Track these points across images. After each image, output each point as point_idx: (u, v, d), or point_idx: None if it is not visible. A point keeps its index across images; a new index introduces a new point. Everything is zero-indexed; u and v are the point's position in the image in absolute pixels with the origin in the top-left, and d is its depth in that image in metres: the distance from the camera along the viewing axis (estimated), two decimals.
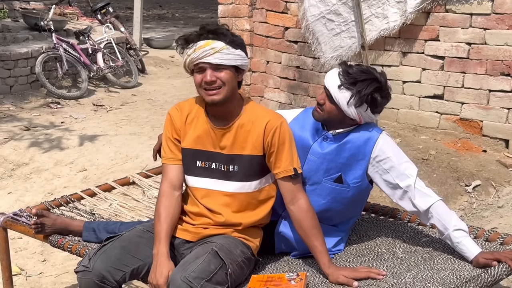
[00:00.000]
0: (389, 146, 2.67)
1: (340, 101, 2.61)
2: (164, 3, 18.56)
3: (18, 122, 6.83)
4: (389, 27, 5.05)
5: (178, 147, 2.63)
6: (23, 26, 9.32)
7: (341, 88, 2.60)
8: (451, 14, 4.90)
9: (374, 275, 2.49)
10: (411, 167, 2.66)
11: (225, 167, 2.59)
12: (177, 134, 2.63)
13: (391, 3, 5.00)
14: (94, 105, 7.89)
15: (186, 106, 2.65)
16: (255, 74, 6.27)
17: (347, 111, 2.62)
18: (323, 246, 2.55)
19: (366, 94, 2.58)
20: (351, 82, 2.59)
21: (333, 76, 2.65)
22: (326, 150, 2.70)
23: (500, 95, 4.78)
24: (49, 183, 5.22)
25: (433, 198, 2.62)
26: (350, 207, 2.79)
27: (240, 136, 2.57)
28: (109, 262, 2.45)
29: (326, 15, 5.33)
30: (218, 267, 2.39)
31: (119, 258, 2.47)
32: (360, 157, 2.67)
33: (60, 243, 2.90)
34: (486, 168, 4.50)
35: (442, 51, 4.97)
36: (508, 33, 4.67)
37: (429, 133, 5.04)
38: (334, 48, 5.27)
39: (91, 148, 5.90)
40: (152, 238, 2.56)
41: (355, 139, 2.67)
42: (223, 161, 2.59)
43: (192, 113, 2.62)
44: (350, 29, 5.22)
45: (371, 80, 2.61)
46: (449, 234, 2.57)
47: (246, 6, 6.13)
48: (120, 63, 9.00)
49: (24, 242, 4.22)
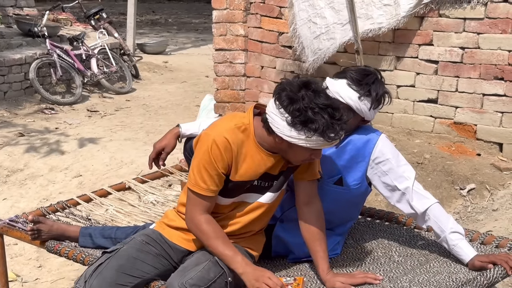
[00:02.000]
0: (388, 148, 2.69)
1: (364, 110, 2.65)
2: (157, 8, 18.58)
3: (13, 128, 6.82)
4: (374, 28, 5.04)
5: (222, 179, 2.42)
6: (17, 32, 9.32)
7: (362, 99, 2.64)
8: (444, 18, 4.92)
9: (371, 280, 2.48)
10: (409, 169, 2.69)
11: (268, 183, 2.53)
12: (224, 168, 2.40)
13: (377, 5, 5.00)
14: (88, 110, 7.89)
15: (232, 137, 2.41)
16: (249, 79, 6.28)
17: (367, 115, 2.68)
18: (325, 252, 2.55)
19: (381, 95, 2.67)
20: (367, 90, 2.64)
21: (345, 89, 2.64)
22: (326, 153, 2.72)
23: (493, 99, 4.81)
24: (44, 189, 5.22)
25: (431, 201, 2.64)
26: (349, 209, 2.81)
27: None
28: (105, 284, 2.40)
29: (312, 19, 5.33)
30: (217, 275, 2.36)
31: (115, 279, 2.41)
32: (360, 159, 2.69)
33: (56, 249, 2.89)
34: (480, 171, 4.52)
35: (436, 55, 5.00)
36: (501, 37, 4.70)
37: (424, 137, 5.05)
38: (313, 51, 5.27)
39: (86, 154, 5.90)
40: (152, 252, 2.52)
41: (355, 141, 2.70)
42: (268, 179, 2.52)
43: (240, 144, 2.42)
44: (329, 31, 5.21)
45: (377, 80, 2.68)
46: (446, 237, 2.59)
47: (240, 12, 6.14)
48: (114, 68, 9.00)
49: (20, 248, 4.22)
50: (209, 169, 2.38)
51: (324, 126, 2.26)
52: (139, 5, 13.47)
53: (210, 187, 2.40)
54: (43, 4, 12.41)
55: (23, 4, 10.50)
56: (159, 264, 2.53)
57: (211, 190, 2.41)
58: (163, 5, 19.54)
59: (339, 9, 5.14)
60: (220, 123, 2.49)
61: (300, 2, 5.43)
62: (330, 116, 2.28)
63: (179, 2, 20.81)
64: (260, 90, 6.22)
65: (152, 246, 2.54)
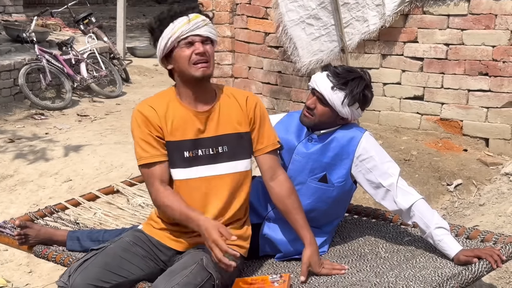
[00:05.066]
0: (372, 145, 2.71)
1: (335, 102, 2.67)
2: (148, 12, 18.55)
3: (2, 135, 6.80)
4: (369, 30, 5.11)
5: (160, 142, 2.51)
6: (5, 38, 9.29)
7: (334, 89, 2.67)
8: (428, 15, 4.96)
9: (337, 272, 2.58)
10: (393, 166, 2.71)
11: (214, 150, 2.55)
12: (156, 131, 2.51)
13: (370, 7, 5.05)
14: (79, 115, 7.88)
15: (155, 101, 2.57)
16: (237, 80, 6.30)
17: (341, 111, 2.68)
18: (304, 220, 2.59)
19: (358, 93, 2.67)
20: (343, 83, 2.67)
21: (322, 79, 2.71)
22: (311, 150, 2.75)
23: (479, 95, 4.84)
24: (34, 195, 5.20)
25: (415, 197, 2.65)
26: (334, 207, 2.82)
27: (224, 115, 2.56)
28: (89, 280, 2.38)
29: (306, 20, 5.37)
30: (205, 279, 2.35)
31: (99, 276, 2.40)
32: (344, 156, 2.71)
33: (44, 253, 2.89)
34: (467, 167, 4.55)
35: (421, 52, 5.03)
36: (484, 33, 4.74)
37: (411, 134, 5.08)
38: (312, 52, 5.30)
39: (76, 158, 5.89)
40: (139, 253, 2.53)
41: (339, 138, 2.73)
42: (211, 145, 2.54)
43: (165, 106, 2.54)
44: (330, 33, 5.26)
45: (360, 79, 2.70)
46: (431, 232, 2.60)
47: (226, 13, 6.17)
48: (103, 73, 8.99)
49: (10, 254, 4.21)
50: (144, 138, 2.50)
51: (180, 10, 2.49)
52: (130, 9, 13.46)
53: (152, 152, 2.50)
54: (32, 10, 12.37)
55: (12, 10, 10.48)
56: (145, 266, 2.53)
57: (154, 155, 2.50)
58: (154, 8, 19.49)
59: (332, 10, 5.18)
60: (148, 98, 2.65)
61: (288, 3, 5.46)
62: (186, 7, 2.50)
63: (169, 5, 20.82)
64: (248, 91, 6.24)
65: (140, 247, 2.55)
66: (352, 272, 2.64)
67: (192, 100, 2.55)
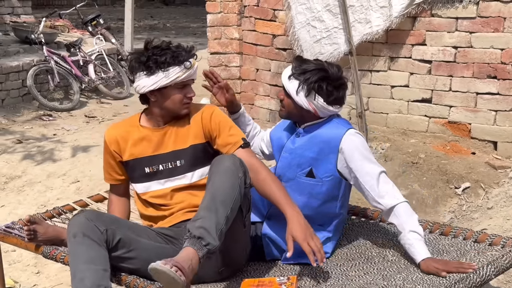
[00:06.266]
0: (354, 143, 2.69)
1: (290, 90, 2.71)
2: (155, 13, 18.59)
3: (11, 135, 6.83)
4: (372, 31, 5.09)
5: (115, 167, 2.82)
6: (14, 39, 9.35)
7: (291, 78, 2.71)
8: (437, 18, 4.95)
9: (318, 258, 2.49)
10: (375, 166, 2.69)
11: (172, 164, 2.70)
12: (113, 156, 2.79)
13: (374, 8, 5.04)
14: (86, 116, 7.91)
15: (119, 126, 2.84)
16: (245, 82, 6.31)
17: (298, 101, 2.70)
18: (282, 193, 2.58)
19: (312, 82, 2.67)
20: (300, 72, 2.69)
21: (287, 69, 2.76)
22: (296, 145, 2.77)
23: (487, 98, 4.83)
24: (42, 196, 5.23)
25: (398, 199, 2.64)
26: (328, 203, 2.79)
27: (180, 131, 2.71)
28: (103, 217, 2.56)
29: (311, 22, 5.37)
30: None
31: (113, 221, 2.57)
32: (328, 150, 2.71)
33: (52, 254, 2.90)
34: (475, 170, 4.53)
35: (429, 55, 5.02)
36: (493, 36, 4.73)
37: (418, 136, 5.07)
38: (314, 55, 5.29)
39: (84, 160, 5.91)
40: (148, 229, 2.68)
41: (323, 133, 2.73)
42: (169, 159, 2.70)
43: (125, 129, 2.78)
44: (331, 35, 5.25)
45: (319, 70, 2.69)
46: (404, 235, 2.60)
47: (234, 15, 6.18)
48: (111, 74, 9.02)
49: (17, 254, 4.23)
50: (105, 162, 2.85)
51: (171, 55, 2.59)
52: (138, 10, 13.49)
53: (108, 176, 2.87)
54: (40, 11, 12.42)
55: (20, 11, 10.53)
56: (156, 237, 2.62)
57: (109, 178, 2.87)
58: (161, 10, 19.53)
59: (337, 13, 5.18)
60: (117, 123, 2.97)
61: (298, 5, 5.47)
62: (173, 49, 2.63)
63: (177, 6, 20.83)
64: (256, 93, 6.25)
65: (148, 228, 2.70)
66: (359, 275, 2.64)
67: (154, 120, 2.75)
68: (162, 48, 2.63)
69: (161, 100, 2.67)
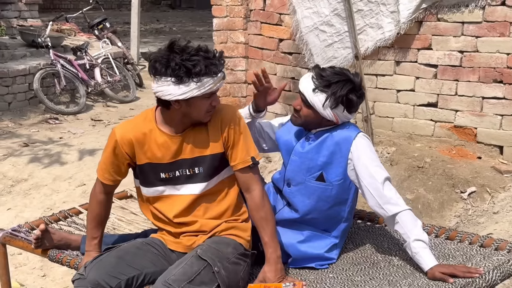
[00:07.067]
0: (363, 147, 2.69)
1: (316, 104, 2.67)
2: (162, 17, 18.64)
3: (17, 139, 6.87)
4: (385, 37, 5.10)
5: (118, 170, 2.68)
6: (21, 43, 9.39)
7: (316, 92, 2.67)
8: (443, 22, 4.94)
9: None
10: (380, 172, 2.67)
11: (190, 171, 2.62)
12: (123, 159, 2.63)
13: (384, 13, 5.05)
14: (93, 120, 7.94)
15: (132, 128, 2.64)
16: (250, 86, 6.31)
17: (323, 113, 2.68)
18: (272, 237, 2.59)
19: (342, 96, 2.65)
20: (325, 85, 2.66)
21: (307, 80, 2.72)
22: (306, 149, 2.76)
23: (493, 102, 4.82)
24: (48, 199, 5.25)
25: (401, 207, 2.63)
26: (336, 207, 2.79)
27: (198, 137, 2.61)
28: (104, 270, 2.46)
29: (319, 26, 5.37)
30: (201, 268, 2.42)
31: (114, 266, 2.48)
32: (339, 155, 2.71)
33: (58, 258, 2.92)
34: (481, 174, 4.52)
35: (435, 59, 5.01)
36: (499, 40, 4.72)
37: (424, 141, 5.07)
38: (327, 59, 5.30)
39: (90, 163, 5.92)
40: (151, 251, 2.61)
41: (334, 137, 2.72)
42: (187, 166, 2.62)
43: (140, 131, 2.61)
44: (343, 39, 5.27)
45: (345, 81, 2.67)
46: (409, 244, 2.59)
47: (240, 19, 6.19)
48: (117, 77, 9.05)
49: (24, 257, 4.24)
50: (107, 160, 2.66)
51: (204, 65, 2.41)
52: (144, 14, 13.53)
53: (105, 175, 2.69)
54: (47, 15, 12.48)
55: (27, 15, 10.59)
56: (159, 262, 2.59)
57: (106, 178, 2.70)
58: (167, 14, 19.60)
59: (346, 17, 5.18)
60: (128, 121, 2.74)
61: (304, 9, 5.47)
62: (205, 57, 2.43)
63: (183, 10, 20.88)
64: None
65: (152, 247, 2.64)
66: (365, 280, 2.63)
67: (172, 126, 2.60)
68: (192, 54, 2.43)
69: (185, 108, 2.51)
